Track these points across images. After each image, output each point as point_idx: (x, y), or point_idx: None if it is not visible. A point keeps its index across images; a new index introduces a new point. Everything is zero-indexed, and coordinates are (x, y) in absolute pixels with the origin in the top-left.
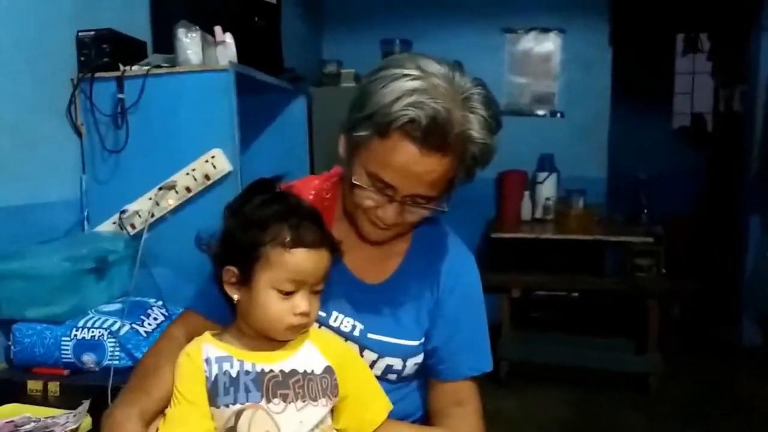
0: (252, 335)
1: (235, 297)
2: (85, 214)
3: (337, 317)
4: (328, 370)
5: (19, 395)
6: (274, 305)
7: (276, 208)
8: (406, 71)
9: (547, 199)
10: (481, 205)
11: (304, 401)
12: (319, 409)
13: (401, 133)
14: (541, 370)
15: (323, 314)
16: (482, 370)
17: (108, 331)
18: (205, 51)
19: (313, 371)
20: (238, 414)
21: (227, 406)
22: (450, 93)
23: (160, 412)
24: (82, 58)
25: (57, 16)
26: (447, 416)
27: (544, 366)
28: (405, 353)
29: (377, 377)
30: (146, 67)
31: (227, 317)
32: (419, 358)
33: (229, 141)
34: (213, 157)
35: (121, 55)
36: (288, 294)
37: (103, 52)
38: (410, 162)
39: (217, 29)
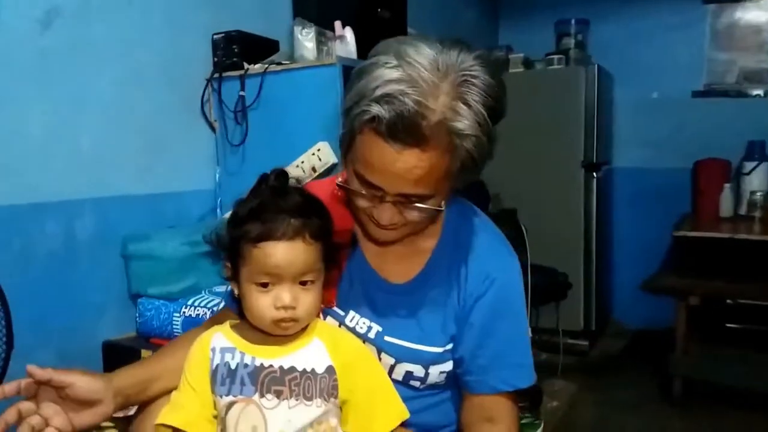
0: (257, 329)
1: (236, 291)
2: (218, 202)
3: (353, 317)
4: (330, 370)
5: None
6: (256, 299)
7: (253, 203)
8: (386, 59)
9: (754, 193)
10: (675, 199)
11: (297, 399)
12: (312, 409)
13: (370, 129)
14: (723, 391)
15: (341, 313)
16: (516, 386)
17: (210, 310)
18: (323, 47)
19: (313, 370)
20: (230, 406)
21: (221, 396)
22: (432, 80)
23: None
24: (215, 59)
25: (193, 21)
26: None
27: (728, 387)
28: (426, 360)
29: (398, 383)
30: (265, 66)
31: None
32: (445, 367)
33: (333, 134)
34: (319, 149)
35: (249, 54)
36: (266, 287)
37: (232, 52)
38: (386, 160)
39: (337, 24)
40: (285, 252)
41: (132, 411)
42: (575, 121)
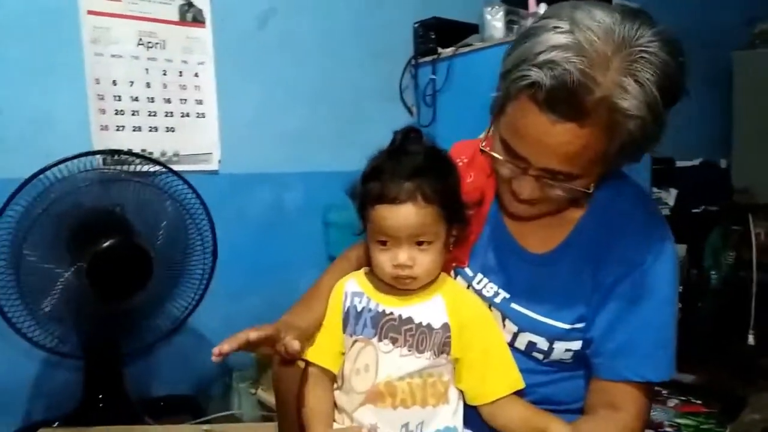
0: None
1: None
2: None
3: (481, 280)
4: (445, 327)
5: None
6: (376, 255)
7: (376, 162)
8: (556, 23)
9: None
10: None
11: (410, 350)
12: (422, 361)
13: (526, 96)
14: None
15: (470, 274)
16: (646, 378)
17: None
18: (514, 25)
19: (429, 324)
20: (353, 344)
21: (350, 335)
22: (603, 51)
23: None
24: (415, 46)
25: (396, 11)
26: (593, 415)
27: None
28: (551, 334)
29: (520, 352)
30: (454, 49)
31: None
32: (573, 345)
33: None
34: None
35: (446, 39)
36: (385, 245)
37: (429, 38)
38: (538, 131)
39: (531, 1)
40: (397, 215)
41: None
42: None
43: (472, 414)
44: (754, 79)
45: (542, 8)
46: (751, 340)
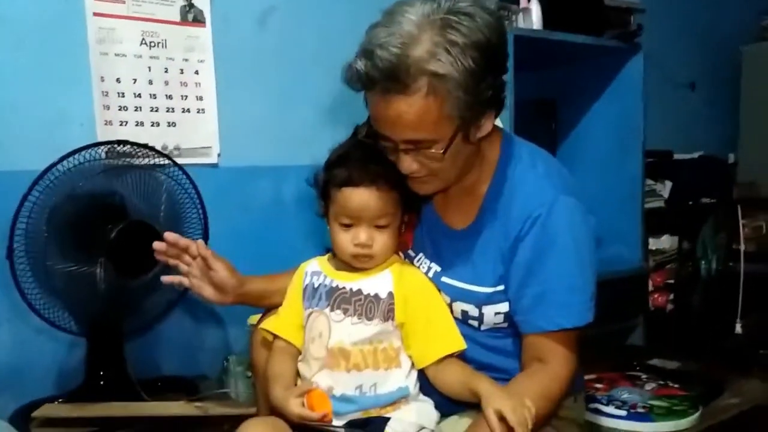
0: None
1: (329, 226)
2: None
3: (419, 258)
4: (390, 295)
5: None
6: (338, 236)
7: (341, 151)
8: (379, 20)
9: None
10: None
11: (359, 318)
12: (371, 327)
13: (360, 86)
14: None
15: (412, 254)
16: (561, 326)
17: None
18: (506, 21)
19: (377, 294)
20: (309, 315)
21: (306, 309)
22: (412, 27)
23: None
24: None
25: None
26: (524, 371)
27: None
28: (478, 300)
29: (458, 321)
30: None
31: None
32: (500, 308)
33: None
34: None
35: None
36: (347, 226)
37: None
38: (379, 110)
39: None
40: (361, 197)
41: None
42: None
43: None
44: (763, 73)
45: (533, 4)
46: (738, 329)
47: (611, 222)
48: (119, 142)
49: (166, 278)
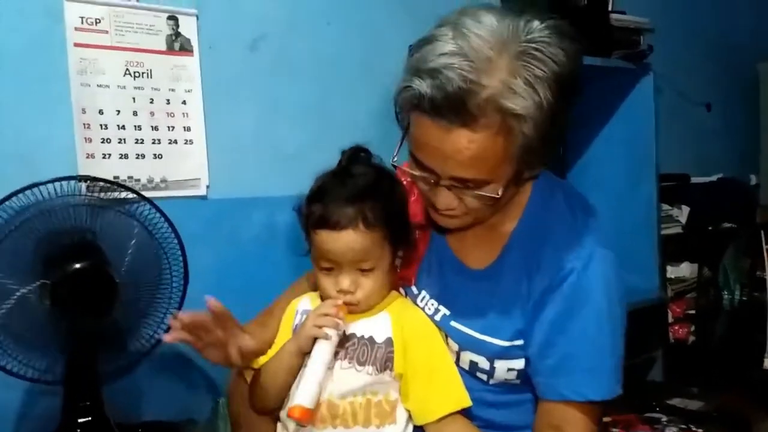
0: None
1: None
2: None
3: (424, 297)
4: (388, 341)
5: None
6: (320, 280)
7: (320, 182)
8: (443, 30)
9: None
10: None
11: (350, 363)
12: (362, 375)
13: (415, 107)
14: None
15: (415, 292)
16: (587, 397)
17: None
18: None
19: (372, 338)
20: None
21: None
22: (487, 52)
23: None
24: None
25: (390, 36)
26: None
27: None
28: (490, 352)
29: (465, 372)
30: None
31: None
32: (515, 364)
33: None
34: None
35: None
36: (329, 270)
37: None
38: (434, 140)
39: None
40: (337, 241)
41: None
42: None
43: None
44: None
45: None
46: (766, 364)
47: (625, 250)
48: (86, 178)
49: (168, 337)
